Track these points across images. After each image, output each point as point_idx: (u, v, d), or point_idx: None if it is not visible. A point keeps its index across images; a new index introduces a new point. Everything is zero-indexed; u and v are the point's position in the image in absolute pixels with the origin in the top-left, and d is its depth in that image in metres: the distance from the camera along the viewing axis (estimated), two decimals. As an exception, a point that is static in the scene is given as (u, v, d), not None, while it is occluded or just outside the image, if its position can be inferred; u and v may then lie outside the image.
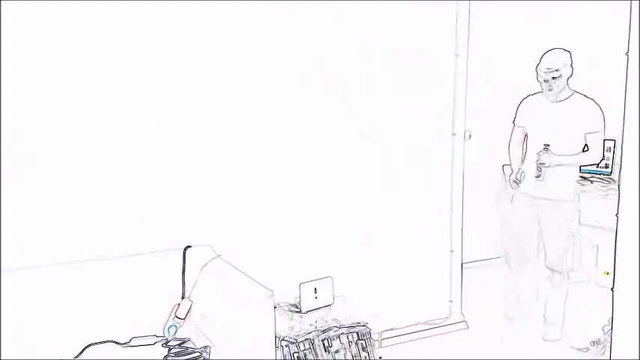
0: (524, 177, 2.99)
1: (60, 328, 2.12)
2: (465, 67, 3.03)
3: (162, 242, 2.36)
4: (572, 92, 2.87)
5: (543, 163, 2.87)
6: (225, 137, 2.52)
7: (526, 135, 3.05)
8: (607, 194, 3.42)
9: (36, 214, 2.19)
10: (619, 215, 1.80)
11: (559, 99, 2.86)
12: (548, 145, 2.87)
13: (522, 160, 3.07)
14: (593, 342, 2.67)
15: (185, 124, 2.43)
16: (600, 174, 3.61)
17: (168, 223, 2.41)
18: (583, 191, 3.50)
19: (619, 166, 2.21)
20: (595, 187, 3.50)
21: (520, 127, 3.07)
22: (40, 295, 2.11)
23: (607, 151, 3.51)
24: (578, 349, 2.76)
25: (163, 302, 2.31)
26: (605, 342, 2.61)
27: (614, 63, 2.36)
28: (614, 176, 3.52)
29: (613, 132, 2.85)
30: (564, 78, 2.83)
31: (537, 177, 2.89)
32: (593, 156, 2.87)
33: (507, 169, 3.18)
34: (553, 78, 2.82)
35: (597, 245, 3.46)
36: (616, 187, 3.23)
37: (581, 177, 3.65)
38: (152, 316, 2.28)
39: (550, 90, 2.85)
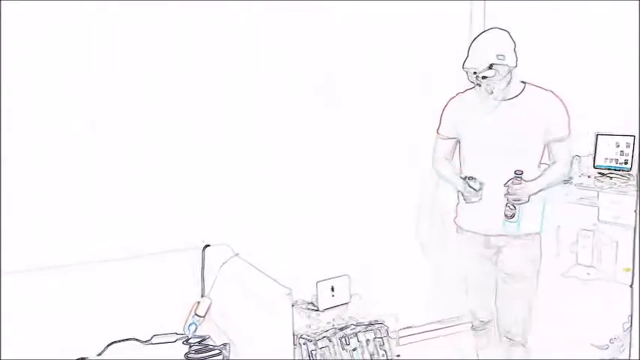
0: (479, 184, 2.19)
1: (84, 326, 2.17)
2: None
3: (181, 242, 2.41)
4: (522, 85, 2.15)
5: (519, 200, 2.10)
6: (244, 138, 2.55)
7: (457, 145, 2.35)
8: (626, 191, 3.37)
9: (58, 215, 2.24)
10: (637, 211, 1.79)
11: (506, 97, 2.14)
12: (521, 173, 2.08)
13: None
14: (613, 339, 2.65)
15: (203, 125, 2.46)
16: (619, 170, 3.56)
17: (188, 222, 2.45)
18: (601, 187, 3.47)
19: (638, 162, 2.19)
20: (614, 183, 3.47)
21: (448, 138, 2.31)
22: (65, 295, 2.17)
23: (626, 146, 3.46)
24: (598, 347, 2.73)
25: (183, 301, 2.35)
26: (624, 339, 2.59)
27: (629, 58, 2.33)
28: (634, 172, 3.47)
29: (631, 128, 2.81)
30: (504, 73, 2.08)
31: (510, 218, 2.11)
32: (562, 170, 2.19)
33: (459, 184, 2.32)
34: (484, 77, 2.07)
35: (617, 242, 3.42)
36: (635, 183, 3.19)
37: (600, 173, 3.62)
38: (173, 314, 2.32)
39: (491, 93, 2.11)
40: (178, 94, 2.41)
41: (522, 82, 2.18)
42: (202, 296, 2.40)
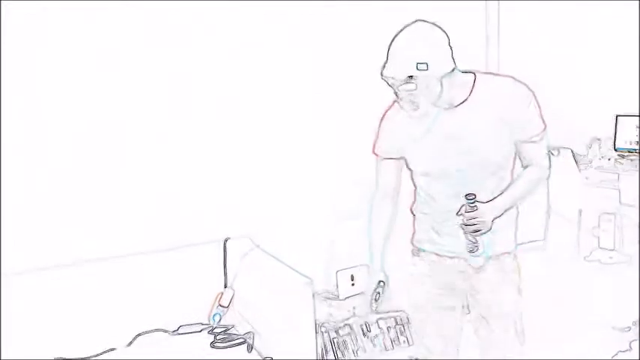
0: (379, 297, 1.82)
1: (113, 318, 2.24)
2: (497, 51, 3.00)
3: (203, 235, 2.45)
4: (471, 82, 1.64)
5: (478, 230, 1.64)
6: (263, 132, 2.58)
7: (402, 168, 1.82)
8: (648, 172, 3.33)
9: (87, 212, 2.29)
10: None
11: (452, 104, 1.65)
12: (473, 198, 1.60)
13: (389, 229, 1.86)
14: (635, 322, 2.64)
15: (222, 121, 2.50)
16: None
17: (209, 217, 2.48)
18: (623, 170, 3.42)
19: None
20: (635, 165, 3.42)
21: (390, 159, 1.80)
22: (95, 288, 2.24)
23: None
24: (620, 330, 2.73)
25: (208, 292, 2.40)
26: (647, 322, 2.58)
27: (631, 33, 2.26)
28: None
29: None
30: (430, 85, 1.57)
31: (472, 252, 1.70)
32: (540, 173, 1.72)
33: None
34: (407, 90, 1.58)
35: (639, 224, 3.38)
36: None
37: (620, 155, 3.58)
38: (198, 305, 2.38)
39: (416, 108, 1.61)
40: (198, 89, 2.44)
41: (472, 73, 1.66)
42: (225, 287, 2.46)
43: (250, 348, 2.21)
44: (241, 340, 2.24)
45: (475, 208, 1.62)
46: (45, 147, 2.21)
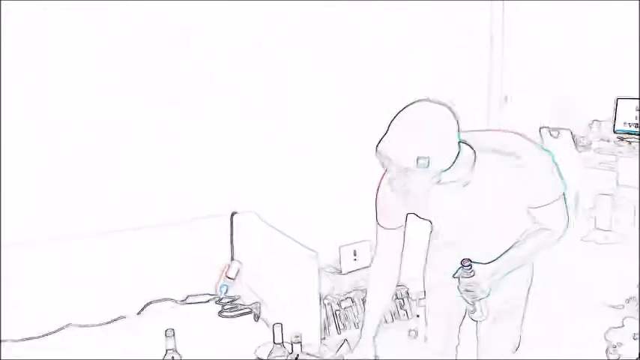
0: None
1: (124, 288, 2.31)
2: (501, 48, 3.01)
3: (211, 209, 2.50)
4: (471, 154, 1.45)
5: (475, 297, 1.54)
6: (270, 109, 2.63)
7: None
8: (645, 155, 3.38)
9: (100, 185, 2.35)
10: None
11: (457, 183, 1.46)
12: (470, 264, 1.49)
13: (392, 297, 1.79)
14: (628, 299, 2.72)
15: (231, 98, 2.54)
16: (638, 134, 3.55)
17: (217, 191, 2.54)
18: (620, 152, 3.48)
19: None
20: (633, 148, 3.47)
21: (391, 229, 1.67)
22: (107, 259, 2.30)
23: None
24: (613, 307, 2.80)
25: (215, 264, 2.48)
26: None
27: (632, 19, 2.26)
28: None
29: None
30: (424, 179, 1.37)
31: (472, 313, 1.62)
32: (555, 237, 1.54)
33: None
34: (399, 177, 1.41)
35: (635, 206, 3.45)
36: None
37: (619, 138, 3.62)
38: (205, 276, 2.45)
39: (405, 193, 1.46)
40: (205, 70, 2.48)
41: (470, 147, 1.44)
42: (232, 260, 2.52)
43: (257, 317, 2.28)
44: (248, 310, 2.32)
45: (472, 274, 1.51)
46: (56, 122, 2.26)
